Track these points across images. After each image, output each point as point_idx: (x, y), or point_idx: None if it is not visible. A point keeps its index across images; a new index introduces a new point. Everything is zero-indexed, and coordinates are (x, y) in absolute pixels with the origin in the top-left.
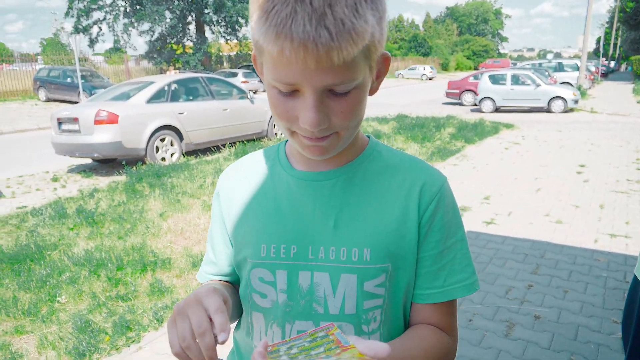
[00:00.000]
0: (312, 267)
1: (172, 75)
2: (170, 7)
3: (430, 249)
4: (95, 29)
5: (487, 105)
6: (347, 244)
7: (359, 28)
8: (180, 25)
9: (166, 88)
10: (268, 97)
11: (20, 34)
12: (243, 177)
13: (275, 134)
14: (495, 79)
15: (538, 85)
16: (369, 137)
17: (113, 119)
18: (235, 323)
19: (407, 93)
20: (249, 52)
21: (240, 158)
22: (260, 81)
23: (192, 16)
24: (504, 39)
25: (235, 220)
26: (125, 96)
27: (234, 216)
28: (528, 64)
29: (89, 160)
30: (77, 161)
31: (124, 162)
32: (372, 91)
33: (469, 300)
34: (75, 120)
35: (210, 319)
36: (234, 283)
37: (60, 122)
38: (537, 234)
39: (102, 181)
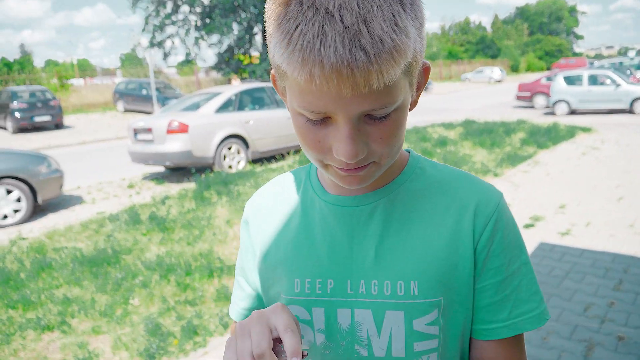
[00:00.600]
0: (352, 303)
1: (239, 85)
2: (238, 19)
3: (491, 277)
4: (168, 43)
5: (562, 108)
6: (391, 276)
7: (400, 45)
8: (247, 36)
9: (233, 98)
10: (294, 125)
11: (102, 50)
12: (272, 204)
13: None
14: (570, 80)
15: (618, 85)
16: (409, 152)
17: (184, 129)
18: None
19: (474, 97)
20: None
21: (267, 183)
22: None
23: (258, 27)
24: (579, 37)
25: (264, 252)
26: (195, 106)
27: (264, 248)
28: (607, 63)
29: (161, 168)
30: (151, 169)
31: (193, 170)
32: (412, 106)
33: None
34: (149, 130)
35: (279, 341)
36: None
37: (136, 132)
38: (620, 247)
39: (173, 188)
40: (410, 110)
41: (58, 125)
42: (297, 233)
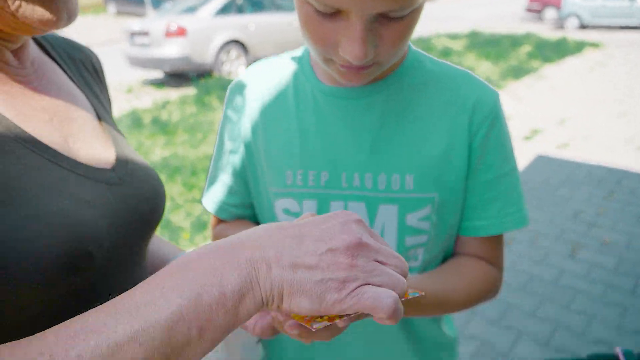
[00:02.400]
0: (346, 196)
1: None
2: None
3: (483, 175)
4: None
5: (572, 22)
6: (387, 169)
7: None
8: None
9: (233, 1)
10: (299, 15)
11: None
12: (262, 90)
13: None
14: None
15: (633, 1)
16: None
17: (181, 32)
18: None
19: (481, 5)
20: None
21: (254, 65)
22: None
23: None
24: None
25: (253, 142)
26: (192, 9)
27: (252, 137)
28: None
29: (160, 73)
30: (149, 74)
31: (192, 75)
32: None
33: (534, 220)
34: (146, 33)
35: None
36: (250, 220)
37: (132, 35)
38: (616, 161)
39: (173, 93)
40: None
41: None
42: (290, 124)
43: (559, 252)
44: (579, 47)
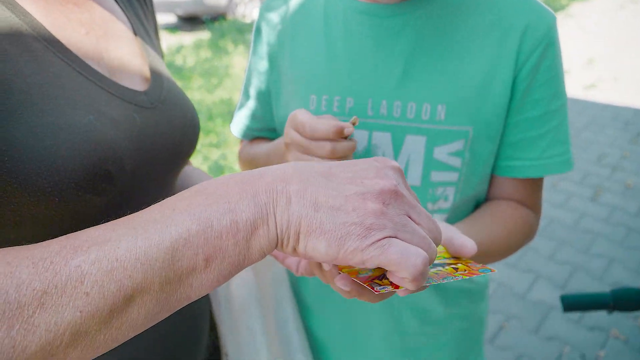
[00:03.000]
0: (371, 125)
1: None
2: None
3: (529, 110)
4: None
5: None
6: (417, 98)
7: None
8: None
9: None
10: None
11: None
12: (289, 7)
13: None
14: None
15: None
16: None
17: None
18: None
19: None
20: None
21: None
22: None
23: None
24: None
25: (278, 64)
26: None
27: (278, 59)
28: None
29: (173, 17)
30: (161, 18)
31: (206, 19)
32: None
33: None
34: None
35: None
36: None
37: None
38: None
39: (187, 37)
40: None
41: None
42: (316, 45)
43: (580, 195)
44: None
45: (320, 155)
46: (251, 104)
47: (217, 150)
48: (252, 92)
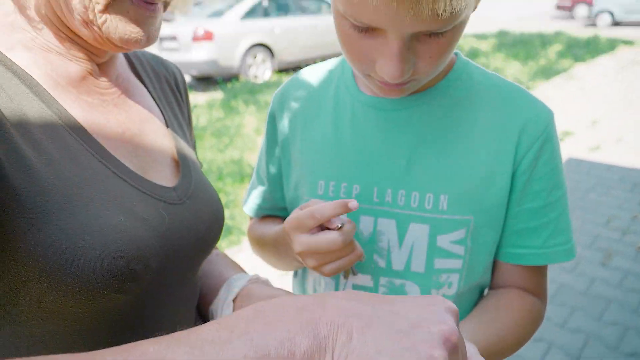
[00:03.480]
0: (377, 212)
1: None
2: None
3: (530, 202)
4: None
5: (604, 19)
6: (421, 188)
7: None
8: None
9: (258, 4)
10: (336, 28)
11: None
12: (301, 98)
13: None
14: None
15: None
16: (456, 55)
17: (209, 37)
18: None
19: (510, 4)
20: None
21: (297, 74)
22: None
23: None
24: None
25: (289, 149)
26: (219, 13)
27: (289, 145)
28: None
29: (187, 77)
30: None
31: (219, 79)
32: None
33: None
34: (174, 38)
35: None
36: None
37: (161, 40)
38: None
39: (200, 97)
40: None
41: None
42: (325, 133)
43: (590, 259)
44: (611, 45)
45: (333, 248)
46: (263, 185)
47: (227, 210)
48: (264, 174)
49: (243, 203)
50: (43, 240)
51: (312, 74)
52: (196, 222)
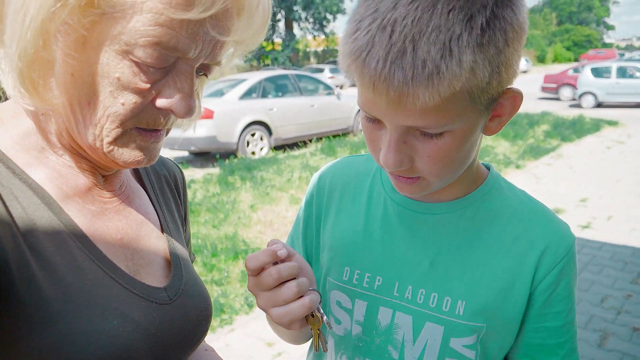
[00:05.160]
0: (396, 305)
1: (263, 72)
2: None
3: (550, 321)
4: None
5: (588, 101)
6: (440, 290)
7: (444, 72)
8: (270, 23)
9: (257, 85)
10: (361, 122)
11: None
12: (339, 184)
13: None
14: (598, 72)
15: None
16: (488, 169)
17: (209, 115)
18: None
19: None
20: (336, 47)
21: (339, 160)
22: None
23: (281, 14)
24: (610, 28)
25: (322, 232)
26: (220, 93)
27: (323, 228)
28: (638, 55)
29: (186, 153)
30: (175, 153)
31: (217, 156)
32: (490, 131)
33: None
34: None
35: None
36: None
37: None
38: None
39: (198, 172)
40: (487, 134)
41: None
42: (357, 223)
43: (587, 340)
44: (596, 125)
45: (268, 281)
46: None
47: (218, 287)
48: (297, 247)
49: None
50: (41, 346)
51: (353, 163)
52: (185, 321)
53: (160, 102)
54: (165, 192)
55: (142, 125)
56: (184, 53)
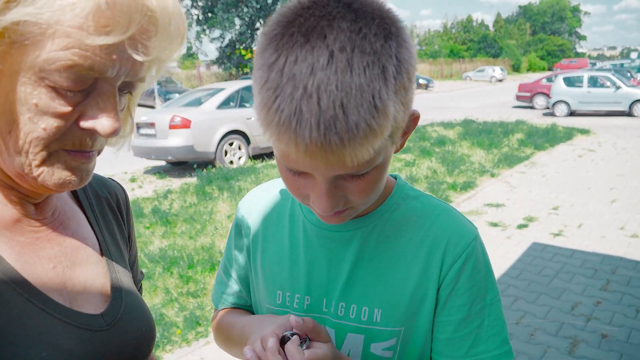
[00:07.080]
0: (325, 321)
1: (241, 81)
2: (240, 14)
3: (453, 314)
4: None
5: (561, 109)
6: (358, 301)
7: (377, 128)
8: (249, 31)
9: (235, 94)
10: (277, 166)
11: None
12: (262, 212)
13: None
14: (570, 81)
15: (618, 88)
16: (395, 178)
17: (186, 124)
18: None
19: (474, 96)
20: None
21: (260, 187)
22: None
23: (260, 22)
24: (581, 38)
25: (253, 258)
26: (197, 102)
27: (253, 254)
28: (608, 65)
29: (163, 163)
30: (152, 163)
31: (195, 165)
32: (399, 149)
33: (531, 314)
34: (152, 125)
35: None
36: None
37: (138, 127)
38: (610, 249)
39: (175, 182)
40: (395, 152)
41: None
42: (283, 247)
43: (557, 347)
44: (568, 134)
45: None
46: (232, 283)
47: (194, 299)
48: (234, 275)
49: (212, 296)
50: None
51: (273, 188)
52: (123, 346)
53: (84, 124)
54: (106, 214)
55: (68, 147)
56: (102, 73)
